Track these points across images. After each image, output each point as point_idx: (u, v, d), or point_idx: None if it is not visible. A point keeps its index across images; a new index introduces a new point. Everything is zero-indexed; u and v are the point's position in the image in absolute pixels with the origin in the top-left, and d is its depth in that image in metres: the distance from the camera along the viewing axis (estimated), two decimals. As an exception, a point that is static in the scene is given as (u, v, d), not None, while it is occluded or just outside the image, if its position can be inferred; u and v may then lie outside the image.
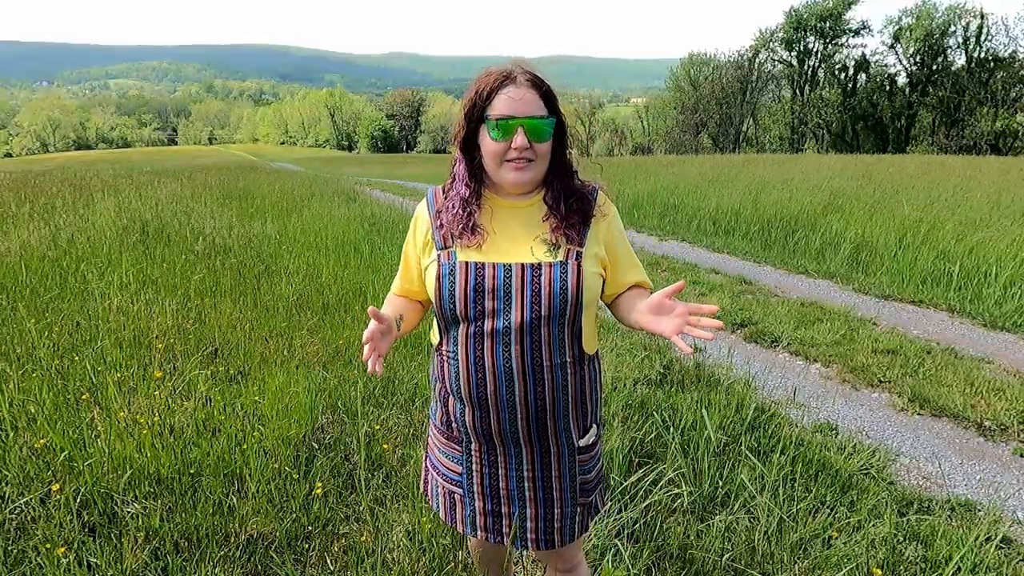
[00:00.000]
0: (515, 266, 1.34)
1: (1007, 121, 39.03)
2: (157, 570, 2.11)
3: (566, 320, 1.36)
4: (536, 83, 1.33)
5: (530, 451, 1.44)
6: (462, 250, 1.38)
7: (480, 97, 1.33)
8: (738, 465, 2.84)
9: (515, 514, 1.49)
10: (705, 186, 12.60)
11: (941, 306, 5.72)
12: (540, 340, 1.35)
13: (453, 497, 1.54)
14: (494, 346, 1.35)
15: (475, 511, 1.52)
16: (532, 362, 1.35)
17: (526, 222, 1.41)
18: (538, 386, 1.37)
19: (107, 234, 6.69)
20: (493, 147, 1.33)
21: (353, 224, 8.36)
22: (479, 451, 1.47)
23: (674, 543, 2.34)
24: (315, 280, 5.41)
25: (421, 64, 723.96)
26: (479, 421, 1.42)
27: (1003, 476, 3.03)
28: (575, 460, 1.47)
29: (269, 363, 3.58)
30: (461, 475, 1.51)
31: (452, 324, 1.39)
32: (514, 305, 1.33)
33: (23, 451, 2.55)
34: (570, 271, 1.35)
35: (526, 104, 1.31)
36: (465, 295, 1.34)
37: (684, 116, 52.76)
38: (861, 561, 2.28)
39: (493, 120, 1.31)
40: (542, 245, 1.37)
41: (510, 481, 1.48)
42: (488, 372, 1.37)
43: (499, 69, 1.34)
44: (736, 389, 3.63)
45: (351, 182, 18.39)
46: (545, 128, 1.33)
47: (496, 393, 1.38)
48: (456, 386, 1.42)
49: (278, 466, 2.62)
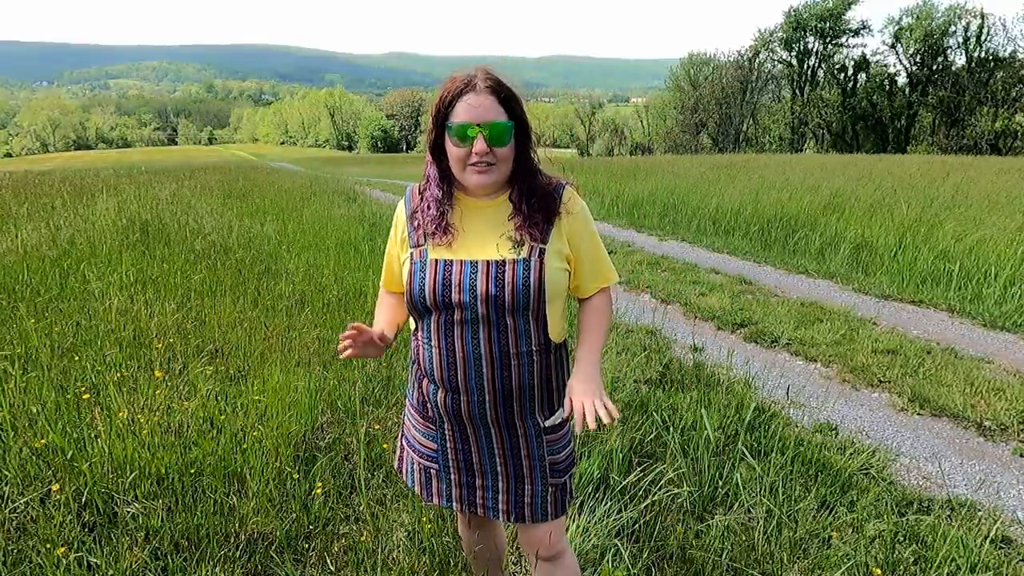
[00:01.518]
0: (481, 263, 1.43)
1: (1007, 121, 39.05)
2: (157, 570, 2.11)
3: (530, 312, 1.44)
4: (496, 88, 1.38)
5: (498, 431, 1.53)
6: (433, 248, 1.46)
7: (443, 103, 1.40)
8: (738, 465, 2.84)
9: (488, 486, 1.59)
10: (705, 186, 12.60)
11: (941, 306, 5.72)
12: (507, 330, 1.43)
13: (429, 472, 1.63)
14: (463, 334, 1.44)
15: (450, 483, 1.61)
16: (499, 350, 1.44)
17: (493, 221, 1.47)
18: (505, 371, 1.46)
19: (107, 234, 6.69)
20: (455, 152, 1.40)
21: (353, 224, 8.36)
22: (451, 430, 1.55)
23: (674, 543, 2.34)
24: (315, 280, 5.41)
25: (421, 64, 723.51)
26: (451, 403, 1.51)
27: (1003, 476, 3.03)
28: (542, 441, 1.55)
29: (269, 363, 3.58)
30: (436, 451, 1.60)
31: (424, 314, 1.48)
32: (479, 299, 1.41)
33: (23, 451, 2.55)
34: (532, 267, 1.42)
35: (485, 111, 1.36)
36: (434, 289, 1.43)
37: (684, 116, 52.78)
38: (861, 561, 2.28)
39: (453, 127, 1.37)
40: (507, 243, 1.45)
41: (482, 456, 1.57)
42: (459, 358, 1.45)
43: (462, 76, 1.40)
44: (736, 389, 3.63)
45: (351, 182, 18.40)
46: (504, 133, 1.38)
47: (466, 378, 1.46)
48: (430, 368, 1.50)
49: (278, 466, 2.62)
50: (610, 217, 11.39)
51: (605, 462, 2.72)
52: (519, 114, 1.41)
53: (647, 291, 6.16)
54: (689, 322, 5.26)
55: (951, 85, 41.59)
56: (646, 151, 56.20)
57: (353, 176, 24.11)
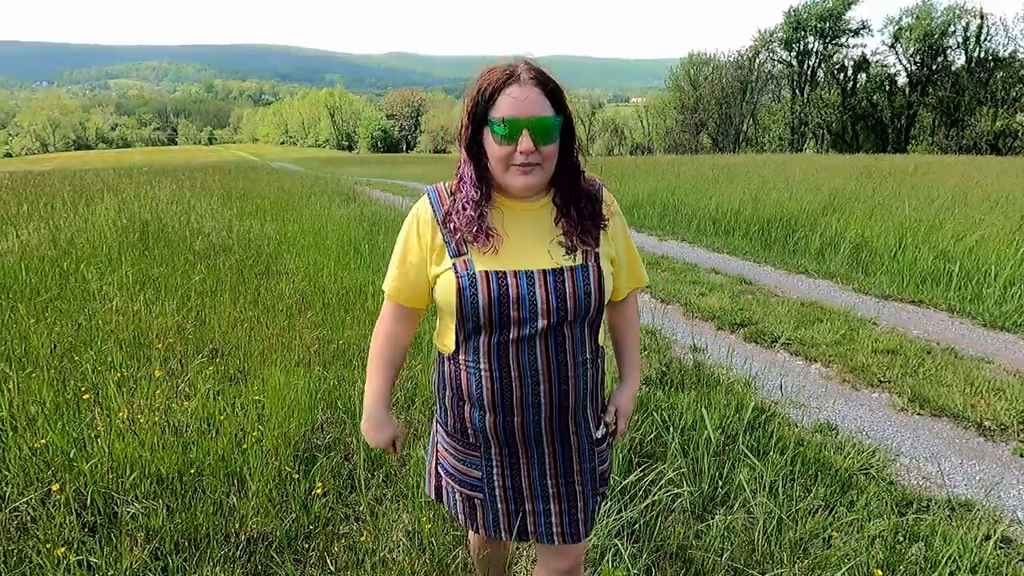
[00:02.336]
0: (536, 273, 1.30)
1: (1007, 121, 39.06)
2: (157, 570, 2.11)
3: (587, 320, 1.36)
4: (541, 80, 1.26)
5: (552, 450, 1.43)
6: (479, 258, 1.31)
7: (482, 96, 1.26)
8: (738, 465, 2.84)
9: (539, 511, 1.47)
10: (705, 186, 12.59)
11: (941, 306, 5.72)
12: (564, 341, 1.34)
13: (473, 503, 1.50)
14: (519, 352, 1.32)
15: (497, 513, 1.48)
16: (557, 362, 1.34)
17: (538, 224, 1.36)
18: (563, 384, 1.36)
19: (107, 234, 6.69)
20: (498, 151, 1.27)
21: (353, 224, 8.36)
22: (500, 455, 1.43)
23: (674, 543, 2.34)
24: (315, 280, 5.41)
25: (421, 64, 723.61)
26: (502, 425, 1.39)
27: (1003, 476, 3.03)
28: (594, 452, 1.48)
29: (269, 363, 3.58)
30: (481, 480, 1.47)
31: (473, 334, 1.34)
32: (539, 312, 1.30)
33: (23, 451, 2.55)
34: (591, 274, 1.33)
35: (531, 104, 1.24)
36: (489, 307, 1.29)
37: (684, 116, 52.79)
38: (861, 561, 2.28)
39: (496, 123, 1.24)
40: (559, 248, 1.34)
41: (533, 480, 1.45)
42: (514, 377, 1.33)
43: (502, 66, 1.27)
44: (736, 389, 3.63)
45: (351, 182, 18.40)
46: (552, 129, 1.26)
47: (522, 396, 1.35)
48: (477, 393, 1.37)
49: (278, 466, 2.62)
50: (610, 217, 11.37)
51: (605, 462, 2.72)
52: (566, 109, 1.29)
53: (647, 291, 6.16)
54: (689, 322, 5.26)
55: (951, 85, 41.61)
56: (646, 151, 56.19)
57: (353, 176, 24.11)
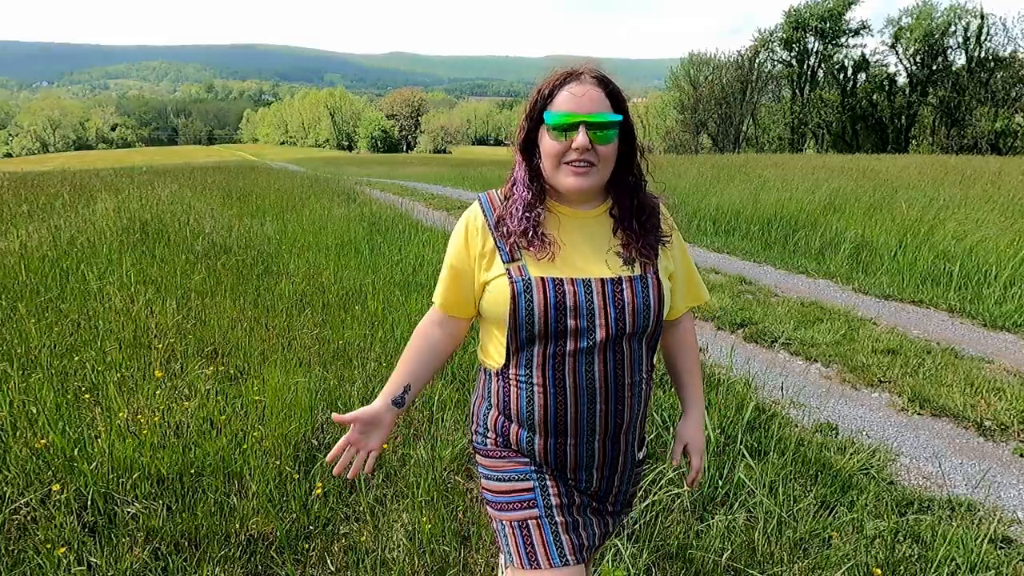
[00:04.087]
0: (594, 281, 1.25)
1: (1007, 121, 39.05)
2: (157, 570, 2.11)
3: (646, 336, 1.30)
4: (603, 81, 1.25)
5: (600, 474, 1.35)
6: (533, 264, 1.26)
7: (542, 95, 1.25)
8: (738, 465, 2.84)
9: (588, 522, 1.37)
10: (705, 186, 12.60)
11: (941, 306, 5.72)
12: (623, 358, 1.27)
13: (527, 527, 1.30)
14: (576, 367, 1.25)
15: (557, 529, 1.30)
16: (615, 381, 1.27)
17: (595, 234, 1.31)
18: (619, 404, 1.29)
19: (107, 234, 6.69)
20: (552, 147, 1.24)
21: (353, 224, 8.36)
22: (550, 474, 1.35)
23: (674, 543, 2.34)
24: (315, 280, 5.41)
25: (421, 64, 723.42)
26: (552, 448, 1.31)
27: (1003, 476, 3.03)
28: (633, 473, 1.43)
29: (269, 363, 3.58)
30: (532, 492, 1.32)
31: (526, 345, 1.27)
32: (597, 323, 1.23)
33: (23, 451, 2.55)
34: (651, 285, 1.28)
35: (590, 101, 1.21)
36: (545, 314, 1.23)
37: (684, 116, 52.75)
38: (861, 561, 2.28)
39: (553, 117, 1.22)
40: (616, 259, 1.29)
41: (581, 496, 1.37)
42: (569, 395, 1.26)
43: (565, 68, 1.26)
44: (736, 389, 3.63)
45: (351, 182, 18.39)
46: (609, 128, 1.23)
47: (576, 415, 1.27)
48: (527, 412, 1.29)
49: (278, 466, 2.62)
50: (610, 217, 11.38)
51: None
52: (626, 113, 1.27)
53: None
54: (689, 322, 5.26)
55: (951, 85, 41.59)
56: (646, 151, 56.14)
57: (353, 176, 24.10)
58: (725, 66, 51.03)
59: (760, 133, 51.45)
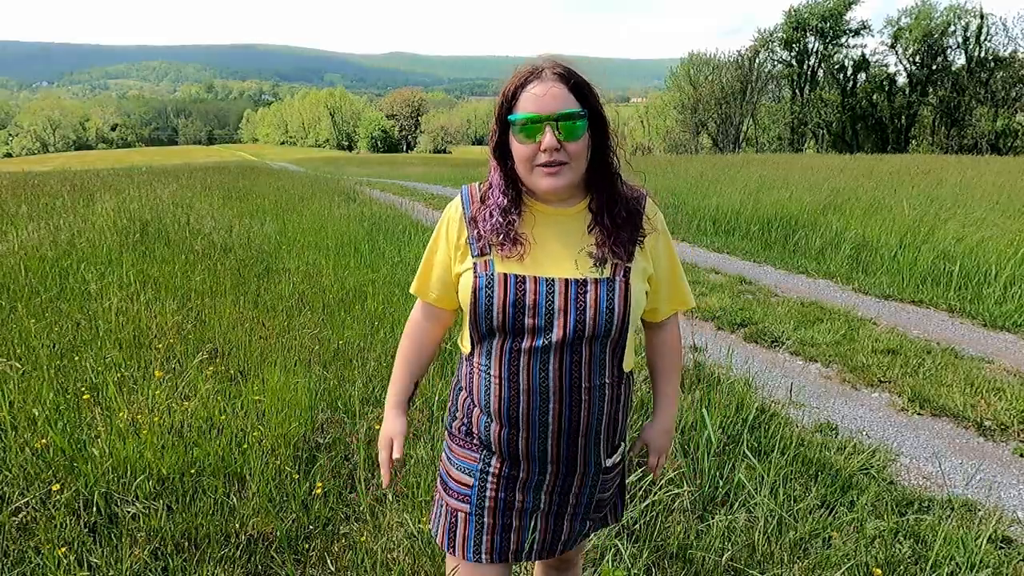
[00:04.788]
0: (558, 281, 1.24)
1: (1007, 121, 39.06)
2: (157, 570, 2.11)
3: (609, 340, 1.27)
4: (565, 76, 1.22)
5: (555, 470, 1.35)
6: (501, 260, 1.27)
7: (506, 98, 1.24)
8: (738, 465, 2.84)
9: (525, 526, 1.39)
10: (705, 186, 12.60)
11: (941, 306, 5.72)
12: (580, 360, 1.26)
13: (455, 517, 1.39)
14: (530, 363, 1.25)
15: (481, 529, 1.37)
16: (570, 383, 1.26)
17: (570, 232, 1.30)
18: (573, 407, 1.28)
19: (107, 234, 6.69)
20: (521, 151, 1.23)
21: (353, 224, 8.36)
22: (500, 467, 1.36)
23: (674, 543, 2.34)
24: (315, 280, 5.41)
25: (421, 64, 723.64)
26: (506, 439, 1.32)
27: (1003, 476, 3.03)
28: (599, 479, 1.40)
29: (269, 363, 3.58)
30: (471, 488, 1.37)
31: (486, 336, 1.29)
32: (555, 323, 1.23)
33: (23, 451, 2.55)
34: (617, 290, 1.25)
35: (552, 99, 1.19)
36: (503, 310, 1.24)
37: (684, 116, 52.75)
38: (861, 561, 2.28)
39: (518, 121, 1.21)
40: (587, 259, 1.27)
41: (527, 495, 1.37)
42: (522, 391, 1.27)
43: (527, 66, 1.24)
44: (736, 389, 3.63)
45: (351, 182, 18.40)
46: (576, 124, 1.20)
47: (528, 413, 1.28)
48: (485, 400, 1.32)
49: (278, 466, 2.62)
50: (610, 217, 11.38)
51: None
52: (594, 105, 1.24)
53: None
54: (689, 322, 5.26)
55: (951, 85, 41.59)
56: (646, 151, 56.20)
57: (354, 176, 24.11)
58: (725, 66, 51.04)
59: (760, 133, 51.45)
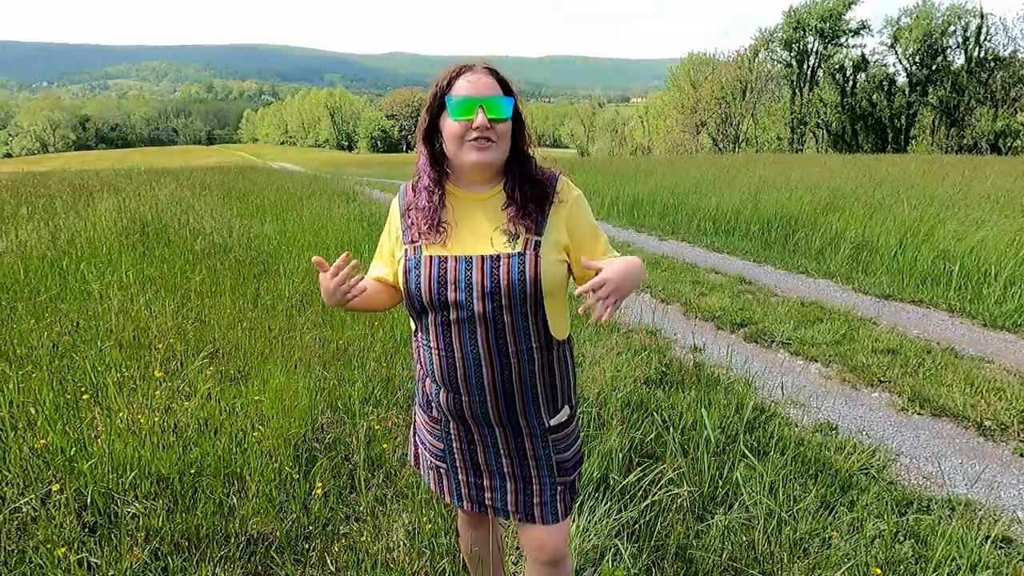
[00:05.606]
0: (475, 258, 1.41)
1: (1007, 121, 39.04)
2: (157, 570, 2.11)
3: (528, 308, 1.41)
4: (493, 71, 1.41)
5: (503, 431, 1.52)
6: (427, 246, 1.45)
7: (440, 87, 1.41)
8: (738, 465, 2.84)
9: (496, 486, 1.58)
10: (705, 186, 12.59)
11: (941, 306, 5.72)
12: (504, 327, 1.41)
13: (440, 471, 1.64)
14: (461, 333, 1.42)
15: (460, 483, 1.61)
16: (498, 348, 1.42)
17: (487, 213, 1.46)
18: (505, 370, 1.44)
19: (107, 234, 6.69)
20: (454, 128, 1.39)
21: (353, 224, 8.36)
22: (457, 429, 1.55)
23: (674, 543, 2.34)
24: (315, 280, 5.41)
25: (421, 64, 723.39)
26: (453, 402, 1.50)
27: (1003, 476, 3.03)
28: (548, 440, 1.54)
29: (269, 363, 3.58)
30: (443, 451, 1.60)
31: (422, 313, 1.46)
32: (475, 295, 1.39)
33: (23, 451, 2.55)
34: (528, 261, 1.40)
35: (485, 86, 1.38)
36: (429, 287, 1.41)
37: (684, 116, 52.75)
38: (861, 561, 2.28)
39: (454, 101, 1.37)
40: (502, 236, 1.43)
41: (488, 456, 1.56)
42: (457, 357, 1.44)
43: (458, 64, 1.43)
44: (736, 389, 3.63)
45: (351, 182, 18.39)
46: (504, 106, 1.38)
47: (466, 377, 1.45)
48: (431, 369, 1.50)
49: (278, 466, 2.62)
50: (610, 217, 11.39)
51: (605, 462, 2.72)
52: (515, 94, 1.43)
53: (647, 291, 6.16)
54: (689, 322, 5.26)
55: (951, 85, 41.57)
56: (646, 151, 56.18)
57: (354, 176, 24.10)
58: (725, 66, 51.04)
59: (760, 133, 51.44)
